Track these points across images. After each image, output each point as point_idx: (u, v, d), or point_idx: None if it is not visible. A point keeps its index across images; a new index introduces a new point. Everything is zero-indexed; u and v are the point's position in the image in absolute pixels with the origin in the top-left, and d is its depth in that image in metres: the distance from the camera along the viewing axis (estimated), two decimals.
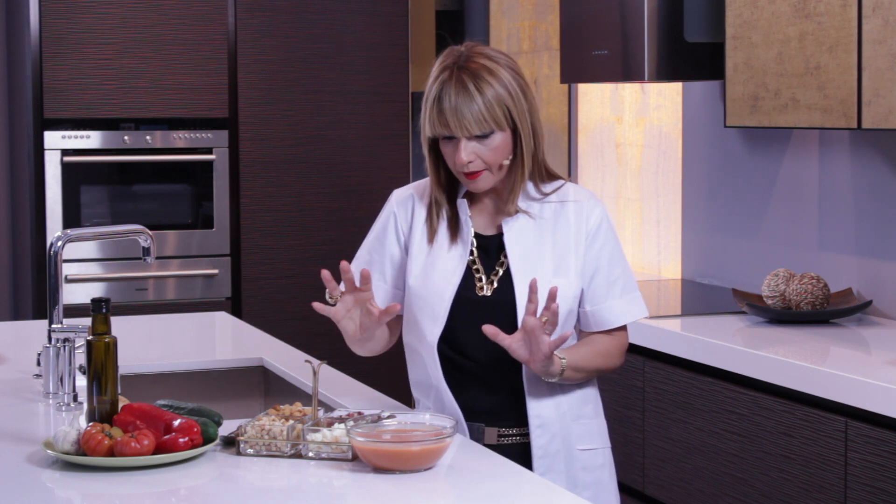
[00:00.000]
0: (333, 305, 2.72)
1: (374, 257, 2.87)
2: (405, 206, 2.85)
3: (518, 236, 2.75)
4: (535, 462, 2.72)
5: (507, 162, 2.72)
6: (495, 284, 2.75)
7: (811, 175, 4.23)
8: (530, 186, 2.78)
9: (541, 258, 2.74)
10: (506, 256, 2.75)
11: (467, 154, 2.67)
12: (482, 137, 2.68)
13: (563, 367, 2.66)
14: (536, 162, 2.76)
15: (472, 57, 2.69)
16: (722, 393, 3.62)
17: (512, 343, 2.60)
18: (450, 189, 2.80)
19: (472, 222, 2.79)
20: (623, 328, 2.82)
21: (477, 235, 2.79)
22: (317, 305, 2.69)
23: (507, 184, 2.77)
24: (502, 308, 2.73)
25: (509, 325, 2.71)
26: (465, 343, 2.74)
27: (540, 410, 2.74)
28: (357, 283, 2.69)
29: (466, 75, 2.66)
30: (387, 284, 2.85)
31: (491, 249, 2.78)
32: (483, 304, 2.73)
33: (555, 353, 2.65)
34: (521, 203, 2.77)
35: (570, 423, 2.77)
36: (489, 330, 2.59)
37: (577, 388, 2.79)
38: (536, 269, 2.73)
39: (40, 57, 5.41)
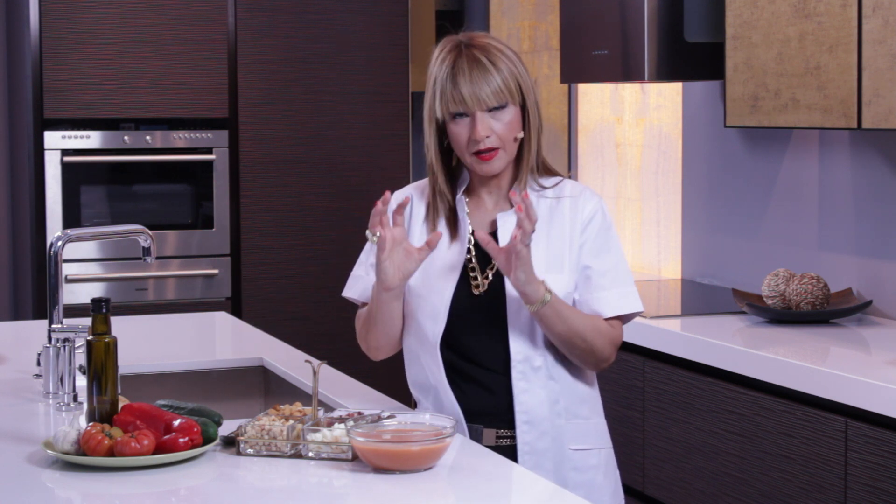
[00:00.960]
0: (373, 241, 2.67)
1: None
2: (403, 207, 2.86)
3: (511, 234, 2.75)
4: (521, 458, 2.71)
5: (520, 136, 2.73)
6: (490, 278, 2.75)
7: (811, 175, 4.23)
8: (529, 179, 2.78)
9: (534, 254, 2.73)
10: None
11: (483, 128, 2.68)
12: (496, 111, 2.69)
13: (545, 299, 2.62)
14: (539, 146, 2.77)
15: (476, 38, 2.75)
16: (722, 393, 3.62)
17: (499, 254, 2.60)
18: (450, 184, 2.81)
19: (470, 219, 2.80)
20: (618, 322, 2.80)
21: (473, 233, 2.79)
22: (371, 237, 2.65)
23: (511, 172, 2.78)
24: (494, 305, 2.73)
25: (501, 322, 2.71)
26: (462, 341, 2.74)
27: (529, 406, 2.73)
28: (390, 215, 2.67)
29: (477, 51, 2.70)
30: None
31: None
32: (477, 301, 2.73)
33: (543, 283, 2.64)
34: (517, 197, 2.77)
35: (563, 423, 2.75)
36: (482, 236, 2.59)
37: (573, 385, 2.77)
38: None
39: (40, 57, 5.41)
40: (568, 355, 2.74)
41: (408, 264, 2.67)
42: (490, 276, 2.76)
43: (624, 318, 2.80)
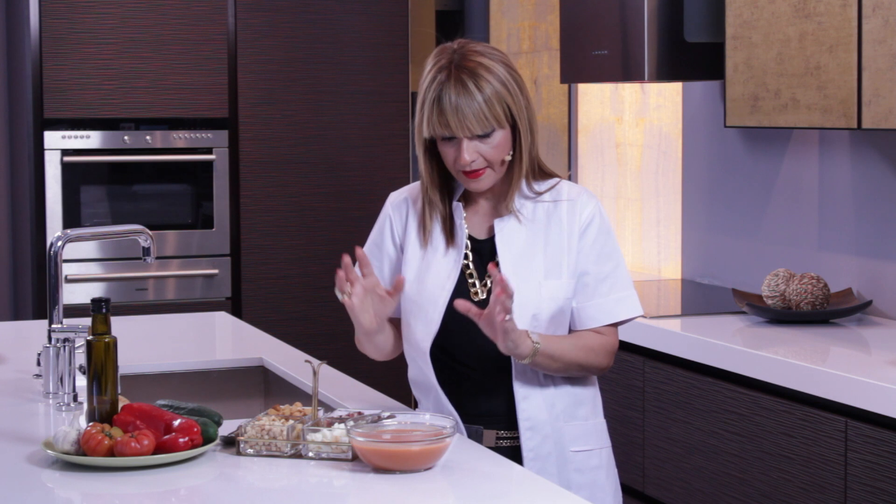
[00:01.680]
0: (342, 300, 2.68)
1: (372, 262, 2.85)
2: (400, 210, 2.85)
3: (510, 239, 2.74)
4: (527, 465, 2.71)
5: (508, 158, 2.72)
6: (489, 285, 2.75)
7: (811, 175, 4.23)
8: (523, 184, 2.77)
9: (532, 260, 2.73)
10: (498, 261, 2.74)
11: (470, 154, 2.66)
12: (483, 136, 2.67)
13: (535, 351, 2.63)
14: (532, 159, 2.76)
15: (468, 55, 2.68)
16: (722, 393, 3.62)
17: (480, 319, 2.59)
18: (444, 191, 2.80)
19: (467, 225, 2.79)
20: (613, 328, 2.80)
21: (471, 238, 2.78)
22: (341, 297, 2.66)
23: (504, 183, 2.77)
24: None
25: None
26: (459, 348, 2.74)
27: (531, 413, 2.73)
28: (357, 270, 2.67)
29: (465, 74, 2.65)
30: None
31: (484, 252, 2.77)
32: (476, 306, 2.71)
33: (528, 335, 2.64)
34: (514, 203, 2.76)
35: (562, 425, 2.75)
36: (461, 305, 2.58)
37: (570, 389, 2.78)
38: (527, 271, 2.72)
39: (40, 57, 5.41)
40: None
41: (383, 308, 2.70)
42: (488, 282, 2.75)
43: (622, 321, 2.80)
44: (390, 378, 4.90)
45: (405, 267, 2.79)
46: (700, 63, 4.33)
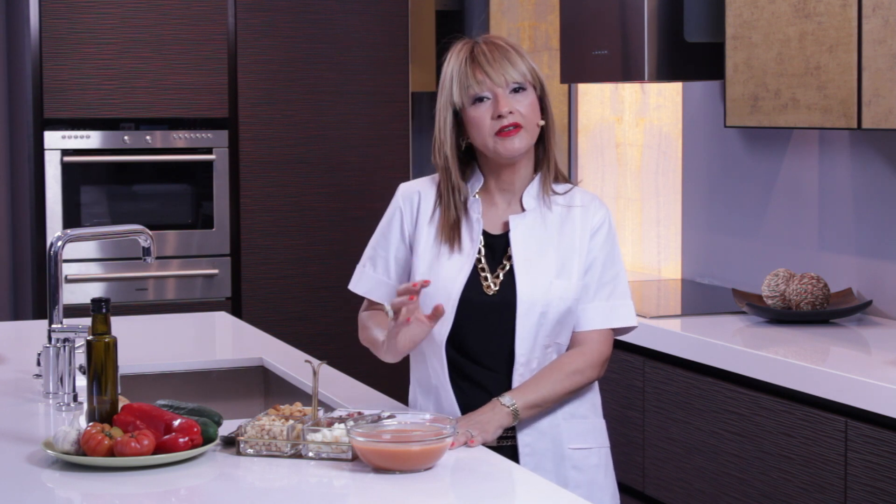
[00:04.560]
0: (391, 317, 2.65)
1: (378, 252, 2.86)
2: (411, 201, 2.84)
3: (524, 236, 2.75)
4: (522, 460, 2.72)
5: (541, 122, 2.74)
6: (501, 278, 2.75)
7: (811, 175, 4.23)
8: (538, 181, 2.79)
9: (544, 258, 2.74)
10: (511, 256, 2.75)
11: (506, 104, 2.69)
12: (517, 93, 2.71)
13: (516, 410, 2.67)
14: (554, 154, 2.79)
15: (490, 35, 2.78)
16: (722, 393, 3.62)
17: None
18: (464, 181, 2.81)
19: (482, 221, 2.79)
20: (606, 336, 2.79)
21: (485, 234, 2.79)
22: (390, 313, 2.65)
23: (525, 177, 2.78)
24: (504, 308, 2.73)
25: (510, 325, 2.71)
26: (468, 342, 2.74)
27: None
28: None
29: (496, 40, 2.75)
30: (390, 280, 2.84)
31: (497, 248, 2.77)
32: (486, 303, 2.73)
33: (499, 402, 2.66)
34: (530, 201, 2.77)
35: (560, 423, 2.76)
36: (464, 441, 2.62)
37: None
38: (539, 268, 2.73)
39: (40, 57, 5.41)
40: None
41: (420, 333, 2.66)
42: (501, 275, 2.76)
43: (618, 331, 2.81)
44: (390, 378, 4.90)
45: (416, 260, 2.79)
46: (700, 63, 4.33)
